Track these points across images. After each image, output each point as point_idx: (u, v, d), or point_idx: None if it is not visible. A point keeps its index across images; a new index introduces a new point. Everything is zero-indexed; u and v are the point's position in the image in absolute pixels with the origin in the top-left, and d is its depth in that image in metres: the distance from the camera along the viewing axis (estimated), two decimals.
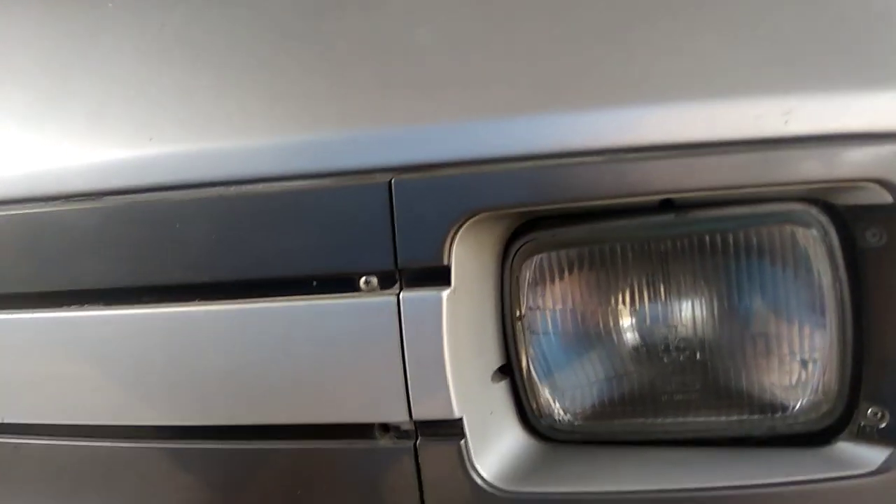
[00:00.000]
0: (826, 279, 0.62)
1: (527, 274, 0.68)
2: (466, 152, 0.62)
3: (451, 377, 0.62)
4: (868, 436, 0.63)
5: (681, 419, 0.68)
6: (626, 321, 0.68)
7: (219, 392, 0.67)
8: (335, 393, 0.65)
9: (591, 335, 0.69)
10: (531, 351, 0.70)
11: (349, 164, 0.64)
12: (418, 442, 0.65)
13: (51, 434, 0.73)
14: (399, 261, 0.62)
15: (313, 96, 0.66)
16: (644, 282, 0.67)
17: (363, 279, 0.63)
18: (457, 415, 0.63)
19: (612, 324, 0.68)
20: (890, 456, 0.61)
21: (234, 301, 0.65)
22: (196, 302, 0.66)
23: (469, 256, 0.64)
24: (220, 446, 0.68)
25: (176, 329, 0.66)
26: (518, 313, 0.69)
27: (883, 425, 0.62)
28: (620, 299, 0.68)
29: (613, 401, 0.69)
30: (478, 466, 0.64)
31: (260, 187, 0.65)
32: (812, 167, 0.59)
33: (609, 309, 0.68)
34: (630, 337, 0.68)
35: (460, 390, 0.63)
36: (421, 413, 0.63)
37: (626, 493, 0.63)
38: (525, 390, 0.70)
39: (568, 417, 0.70)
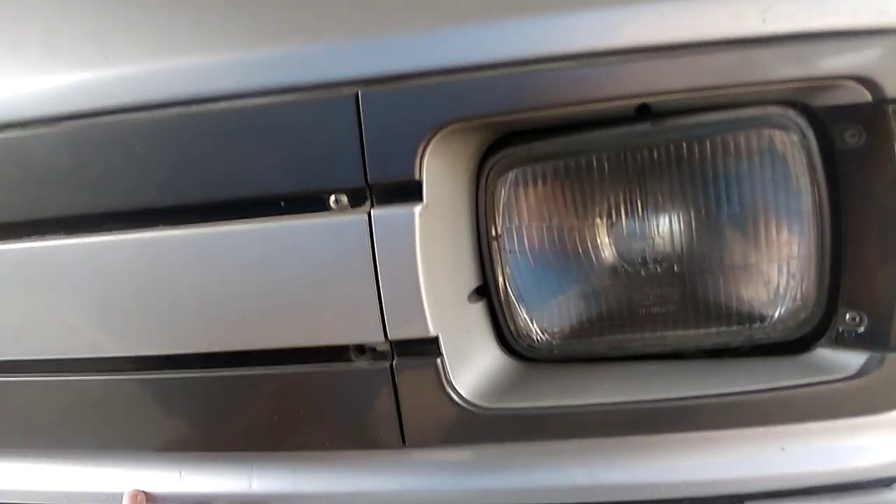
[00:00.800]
0: (804, 183, 0.61)
1: (502, 191, 0.67)
2: (435, 62, 0.60)
3: (425, 295, 0.61)
4: (846, 341, 0.62)
5: (659, 333, 0.68)
6: (604, 235, 0.67)
7: (190, 320, 0.65)
8: (309, 316, 0.63)
9: (569, 252, 0.68)
10: (507, 271, 0.69)
11: (314, 77, 0.61)
12: (395, 362, 0.63)
13: (18, 370, 0.71)
14: (369, 177, 0.60)
15: (275, 7, 0.63)
16: (621, 194, 0.66)
17: (333, 197, 0.61)
18: (432, 333, 0.62)
19: (589, 239, 0.67)
20: (868, 360, 0.61)
21: (201, 225, 0.63)
22: (161, 227, 0.64)
23: (441, 172, 0.62)
24: (193, 375, 0.67)
25: (142, 256, 0.64)
26: (494, 232, 0.68)
27: (861, 329, 0.61)
28: (597, 213, 0.67)
29: (591, 317, 0.69)
30: (455, 384, 0.63)
31: (222, 105, 0.62)
32: (790, 66, 0.57)
33: (586, 224, 0.67)
34: (607, 251, 0.67)
35: (435, 309, 0.62)
36: (396, 333, 0.62)
37: (604, 406, 0.63)
38: (502, 310, 0.69)
39: (545, 336, 0.70)
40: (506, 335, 0.70)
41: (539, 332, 0.69)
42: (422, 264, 0.60)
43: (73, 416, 0.72)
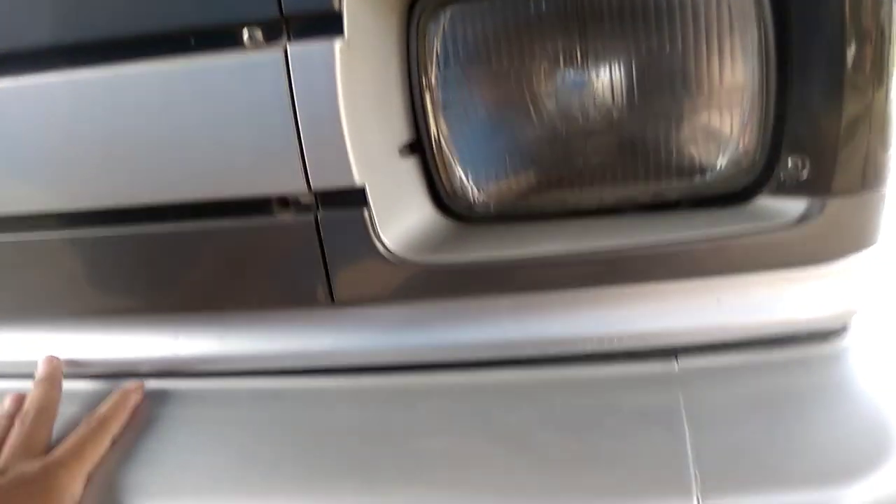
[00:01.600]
0: (749, 21, 0.57)
1: (434, 36, 0.62)
2: None
3: (349, 141, 0.57)
4: (788, 188, 0.60)
5: (598, 188, 0.65)
6: (542, 83, 0.63)
7: (98, 172, 0.61)
8: (225, 165, 0.59)
9: (506, 102, 0.64)
10: (442, 124, 0.65)
11: None
12: (320, 214, 0.60)
13: None
14: (284, 8, 0.55)
15: None
16: (561, 39, 0.62)
17: (246, 32, 0.56)
18: (358, 183, 0.58)
19: (527, 87, 0.63)
20: (809, 206, 0.59)
21: (104, 65, 0.58)
22: (57, 69, 0.58)
23: (365, 5, 0.57)
24: (106, 233, 0.63)
25: (38, 103, 0.59)
26: (426, 82, 0.64)
27: (803, 176, 0.59)
28: (537, 60, 0.63)
29: (529, 173, 0.66)
30: (383, 238, 0.60)
31: None
32: None
33: (525, 72, 0.63)
34: (547, 101, 0.63)
35: (361, 158, 0.58)
36: (320, 182, 0.58)
37: (538, 258, 0.61)
38: (436, 167, 0.66)
39: (481, 194, 0.67)
40: (440, 193, 0.67)
41: (474, 189, 0.66)
42: (344, 106, 0.56)
43: None
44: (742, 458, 0.55)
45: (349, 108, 0.56)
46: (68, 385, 0.69)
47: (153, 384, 0.70)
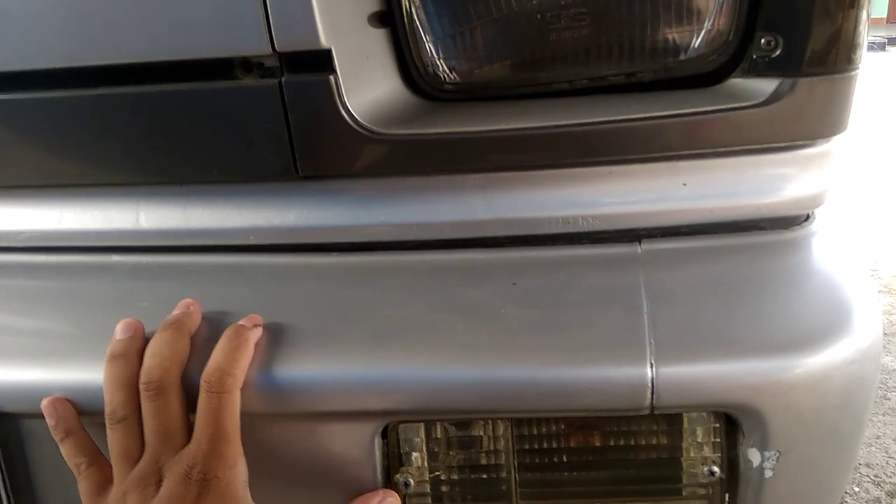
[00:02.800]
0: None
1: None
2: None
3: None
4: (760, 68, 0.60)
5: (570, 68, 0.64)
6: None
7: (51, 29, 0.58)
8: (186, 21, 0.57)
9: None
10: None
11: None
12: (284, 79, 0.58)
13: None
14: None
15: None
16: None
17: None
18: (324, 45, 0.56)
19: None
20: (779, 85, 0.59)
21: None
22: None
23: None
24: (60, 94, 0.61)
25: None
26: None
27: (775, 54, 0.59)
28: None
29: (501, 51, 0.64)
30: (350, 106, 0.59)
31: None
32: None
33: None
34: None
35: (328, 19, 0.56)
36: (284, 43, 0.57)
37: (507, 132, 0.60)
38: (407, 42, 0.64)
39: (452, 73, 0.65)
40: (410, 69, 0.65)
41: (445, 66, 0.65)
42: None
43: None
44: (698, 329, 0.56)
45: None
46: (24, 258, 0.68)
47: (115, 259, 0.69)
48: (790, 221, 0.66)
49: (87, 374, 0.58)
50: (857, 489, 1.50)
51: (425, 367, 0.56)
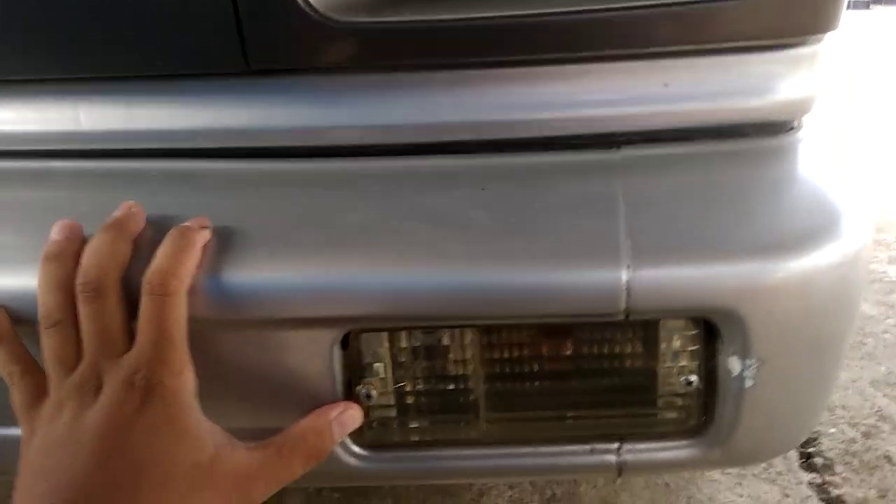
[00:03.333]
0: None
1: None
2: None
3: None
4: None
5: None
6: None
7: None
8: None
9: None
10: None
11: None
12: None
13: None
14: None
15: None
16: None
17: None
18: None
19: None
20: None
21: None
22: None
23: None
24: None
25: None
26: None
27: None
28: None
29: None
30: None
31: None
32: None
33: None
34: None
35: None
36: None
37: (478, 20, 0.55)
38: None
39: None
40: None
41: None
42: None
43: None
44: (678, 231, 0.53)
45: None
46: None
47: (54, 164, 0.64)
48: (777, 128, 0.62)
49: (21, 279, 0.53)
50: (832, 430, 1.50)
51: (387, 271, 0.52)
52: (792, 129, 0.63)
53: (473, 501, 1.28)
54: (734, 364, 0.53)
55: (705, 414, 0.56)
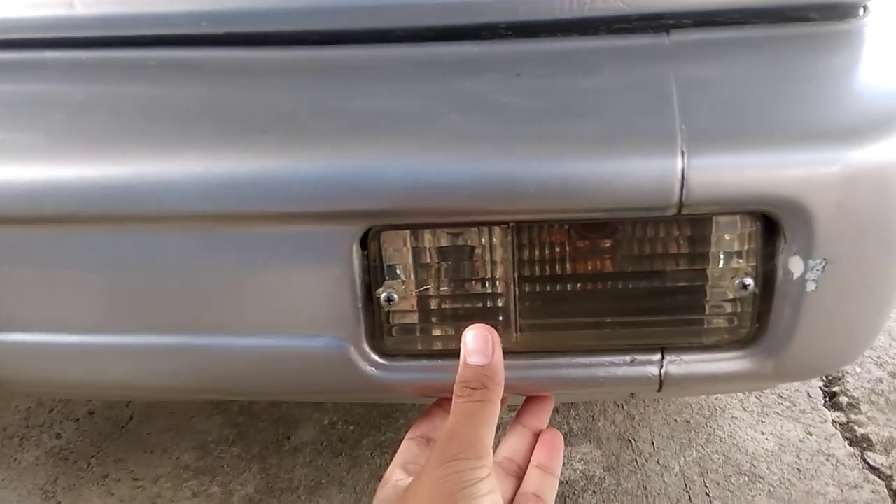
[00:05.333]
0: None
1: None
2: None
3: None
4: None
5: None
6: None
7: None
8: None
9: None
10: None
11: None
12: None
13: None
14: None
15: None
16: None
17: None
18: None
19: None
20: None
21: None
22: None
23: None
24: None
25: None
26: None
27: None
28: None
29: None
30: None
31: None
32: None
33: None
34: None
35: None
36: None
37: None
38: None
39: None
40: None
41: None
42: None
43: None
44: (737, 116, 0.47)
45: None
46: None
47: (48, 55, 0.58)
48: (844, 11, 0.55)
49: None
50: (858, 369, 1.46)
51: (411, 161, 0.47)
52: (859, 13, 0.56)
53: None
54: (796, 265, 0.48)
55: (758, 322, 0.51)
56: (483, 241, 0.50)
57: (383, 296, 0.51)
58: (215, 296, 0.50)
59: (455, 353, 0.51)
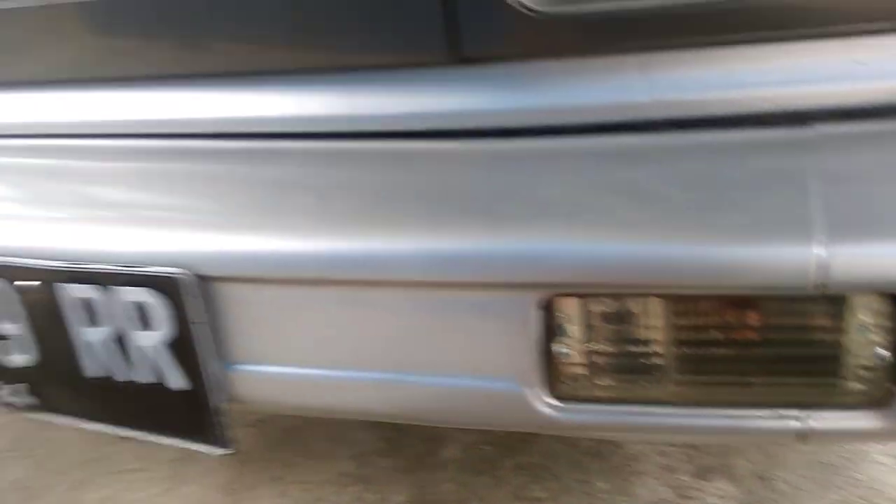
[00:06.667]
0: None
1: None
2: None
3: None
4: None
5: None
6: None
7: None
8: None
9: None
10: None
11: None
12: None
13: None
14: None
15: None
16: None
17: None
18: None
19: None
20: None
21: None
22: None
23: None
24: None
25: None
26: None
27: None
28: None
29: None
30: None
31: None
32: None
33: None
34: None
35: None
36: None
37: (670, 7, 0.58)
38: None
39: None
40: None
41: None
42: None
43: None
44: (874, 207, 0.54)
45: None
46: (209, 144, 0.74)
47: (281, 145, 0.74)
48: None
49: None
50: None
51: (583, 242, 0.58)
52: None
53: (624, 465, 1.33)
54: None
55: (893, 383, 0.57)
56: (643, 309, 0.59)
57: (556, 350, 0.62)
58: (423, 342, 0.62)
59: (618, 400, 0.61)
